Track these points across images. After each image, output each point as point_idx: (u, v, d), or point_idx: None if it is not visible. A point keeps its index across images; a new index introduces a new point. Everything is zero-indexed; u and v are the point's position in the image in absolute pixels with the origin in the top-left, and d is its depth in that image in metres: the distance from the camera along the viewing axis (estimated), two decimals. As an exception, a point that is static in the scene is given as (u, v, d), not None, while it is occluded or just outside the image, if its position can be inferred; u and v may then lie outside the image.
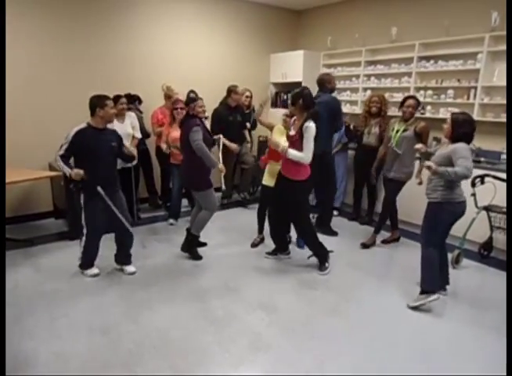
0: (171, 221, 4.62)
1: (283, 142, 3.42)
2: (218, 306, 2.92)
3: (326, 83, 4.27)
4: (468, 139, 2.82)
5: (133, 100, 4.92)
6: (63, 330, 2.58)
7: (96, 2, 4.68)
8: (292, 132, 3.33)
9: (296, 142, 3.25)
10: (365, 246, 4.12)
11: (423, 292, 2.95)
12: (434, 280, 2.95)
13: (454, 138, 2.82)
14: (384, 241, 4.25)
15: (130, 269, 3.43)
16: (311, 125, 3.15)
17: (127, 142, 3.88)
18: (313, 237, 3.55)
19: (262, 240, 4.14)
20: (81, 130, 3.06)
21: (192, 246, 3.75)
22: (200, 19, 5.60)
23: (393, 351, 2.47)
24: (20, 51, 4.22)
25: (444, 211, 2.88)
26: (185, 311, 2.85)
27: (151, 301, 2.96)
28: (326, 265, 3.55)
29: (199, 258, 3.72)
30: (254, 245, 4.09)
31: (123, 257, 3.45)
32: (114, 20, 4.85)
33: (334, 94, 4.56)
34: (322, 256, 3.57)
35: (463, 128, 2.79)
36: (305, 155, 3.20)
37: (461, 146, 2.76)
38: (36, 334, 2.53)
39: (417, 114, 4.06)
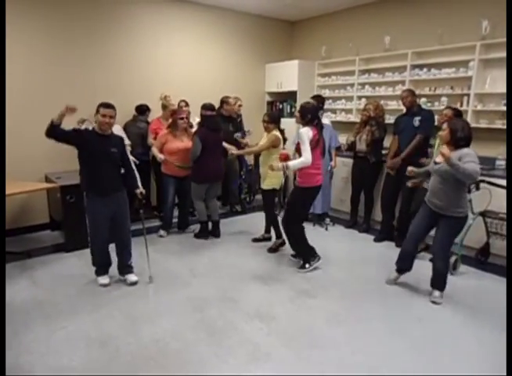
0: (162, 233, 4.53)
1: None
2: (216, 316, 2.91)
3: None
4: (469, 143, 2.93)
5: (143, 111, 4.89)
6: (61, 344, 2.56)
7: (97, 12, 4.75)
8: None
9: (299, 148, 3.41)
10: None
11: (441, 290, 3.17)
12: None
13: (454, 143, 2.91)
14: None
15: (131, 278, 3.41)
16: (300, 130, 3.38)
17: None
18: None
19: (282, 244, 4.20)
20: (87, 130, 3.26)
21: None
22: (197, 30, 5.66)
23: (394, 358, 2.46)
24: (17, 62, 4.24)
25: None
26: (184, 322, 2.83)
27: (149, 313, 2.95)
28: (307, 266, 3.70)
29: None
30: (272, 250, 4.15)
31: (122, 267, 3.45)
32: (113, 29, 4.91)
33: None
34: (306, 256, 3.73)
35: (463, 133, 2.88)
36: (304, 158, 3.33)
37: (471, 151, 2.89)
38: (33, 348, 2.51)
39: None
